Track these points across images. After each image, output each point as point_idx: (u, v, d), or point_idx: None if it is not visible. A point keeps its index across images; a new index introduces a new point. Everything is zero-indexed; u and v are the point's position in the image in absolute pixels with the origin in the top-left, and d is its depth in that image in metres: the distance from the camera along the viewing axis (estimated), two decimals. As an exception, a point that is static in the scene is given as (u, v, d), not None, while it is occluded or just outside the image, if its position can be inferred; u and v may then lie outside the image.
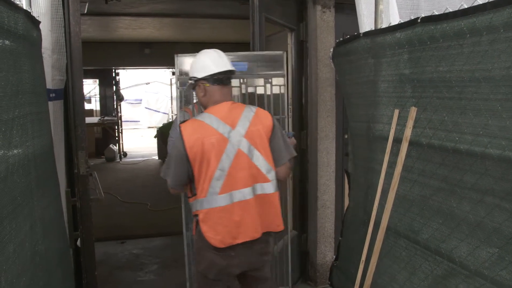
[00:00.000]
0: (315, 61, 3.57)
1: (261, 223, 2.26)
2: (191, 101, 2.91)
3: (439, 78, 1.85)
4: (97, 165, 9.89)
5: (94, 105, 14.73)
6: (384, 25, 2.37)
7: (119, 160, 10.80)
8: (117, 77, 11.01)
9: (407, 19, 2.05)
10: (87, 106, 14.40)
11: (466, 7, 1.64)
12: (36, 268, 1.75)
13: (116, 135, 11.16)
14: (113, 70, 10.94)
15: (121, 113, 11.29)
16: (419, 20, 1.93)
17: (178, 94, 2.76)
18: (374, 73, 2.39)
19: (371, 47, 2.41)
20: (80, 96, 2.58)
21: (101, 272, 3.81)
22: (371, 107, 2.46)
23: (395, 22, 2.29)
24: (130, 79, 15.88)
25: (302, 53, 3.68)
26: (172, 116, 13.23)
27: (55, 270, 2.12)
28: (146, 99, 17.35)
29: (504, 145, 1.53)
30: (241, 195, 2.21)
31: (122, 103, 11.97)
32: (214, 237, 2.20)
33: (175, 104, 2.83)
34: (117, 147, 11.09)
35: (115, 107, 11.27)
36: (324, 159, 3.66)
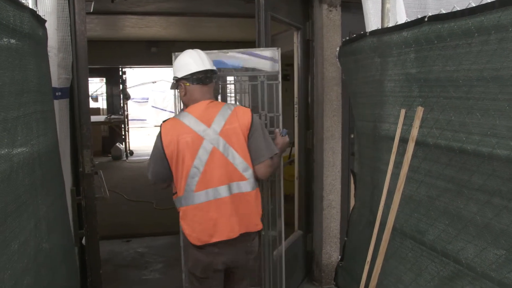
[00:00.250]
0: (321, 60, 3.55)
1: (238, 222, 2.25)
2: None
3: (446, 77, 1.83)
4: (104, 164, 9.94)
5: (101, 103, 14.79)
6: (391, 24, 2.35)
7: (125, 158, 10.85)
8: (124, 76, 11.04)
9: (414, 18, 2.03)
10: (94, 105, 14.48)
11: (474, 5, 1.62)
12: (41, 266, 1.75)
13: (123, 133, 11.20)
14: (120, 69, 10.98)
15: (127, 111, 11.33)
16: (426, 19, 1.91)
17: (175, 93, 2.79)
18: (381, 72, 2.38)
19: (377, 46, 2.39)
20: (85, 95, 2.58)
21: (106, 270, 3.82)
22: (377, 107, 2.45)
23: (402, 21, 2.27)
24: (137, 77, 15.94)
25: (308, 52, 3.67)
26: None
27: (60, 268, 2.13)
28: (153, 97, 17.41)
29: (512, 145, 1.51)
30: (216, 193, 2.22)
31: (129, 102, 12.01)
32: (191, 234, 2.24)
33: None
34: (123, 146, 11.14)
35: (121, 105, 11.31)
36: (330, 158, 3.64)
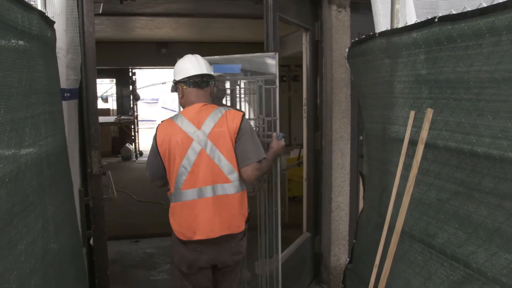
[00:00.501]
0: (330, 61, 3.54)
1: (220, 223, 2.35)
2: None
3: (457, 79, 1.80)
4: (113, 164, 10.00)
5: (111, 104, 14.88)
6: (401, 25, 2.33)
7: (135, 159, 10.91)
8: (133, 77, 11.11)
9: (424, 18, 2.01)
10: (104, 106, 14.57)
11: (485, 6, 1.59)
12: (48, 266, 1.75)
13: (133, 134, 11.27)
14: (130, 70, 11.04)
15: (137, 112, 11.39)
16: (436, 20, 1.88)
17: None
18: (390, 73, 2.35)
19: (387, 47, 2.37)
20: (94, 96, 2.59)
21: (114, 271, 3.84)
22: (386, 108, 2.42)
23: (411, 22, 2.24)
24: (146, 78, 16.03)
25: (317, 53, 3.65)
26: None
27: (68, 268, 2.14)
28: (163, 98, 17.50)
29: (524, 148, 1.48)
30: (201, 193, 2.33)
31: (139, 103, 12.09)
32: (177, 229, 2.39)
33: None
34: (133, 146, 11.20)
35: (131, 106, 11.37)
36: (339, 160, 3.62)
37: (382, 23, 2.57)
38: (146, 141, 13.28)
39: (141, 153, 11.29)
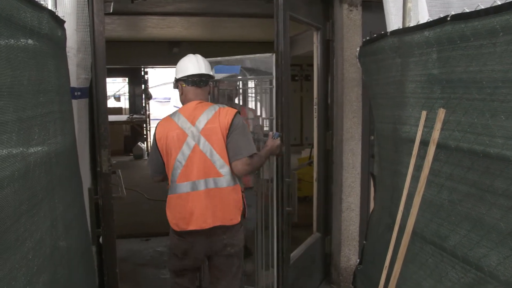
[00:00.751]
0: (341, 61, 3.51)
1: (212, 215, 2.45)
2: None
3: (470, 78, 1.77)
4: (125, 163, 10.06)
5: (123, 103, 15.00)
6: (413, 24, 2.30)
7: (146, 157, 10.96)
8: (146, 76, 11.17)
9: (436, 17, 1.97)
10: (117, 104, 14.68)
11: (500, 3, 1.56)
12: (57, 264, 1.76)
13: (144, 133, 11.33)
14: (142, 69, 11.10)
15: (149, 111, 11.45)
16: (448, 18, 1.85)
17: None
18: (402, 73, 2.32)
19: (398, 46, 2.34)
20: (104, 95, 2.60)
21: (124, 269, 3.86)
22: (398, 108, 2.39)
23: (424, 21, 2.21)
24: (159, 77, 16.11)
25: (328, 53, 3.62)
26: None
27: (77, 266, 2.15)
28: (175, 97, 17.54)
29: (538, 149, 1.45)
30: (194, 186, 2.46)
31: (151, 102, 12.16)
32: (171, 220, 2.56)
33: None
34: (145, 145, 11.26)
35: (143, 105, 11.44)
36: (350, 160, 3.59)
37: (394, 22, 2.54)
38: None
39: (152, 152, 11.34)
